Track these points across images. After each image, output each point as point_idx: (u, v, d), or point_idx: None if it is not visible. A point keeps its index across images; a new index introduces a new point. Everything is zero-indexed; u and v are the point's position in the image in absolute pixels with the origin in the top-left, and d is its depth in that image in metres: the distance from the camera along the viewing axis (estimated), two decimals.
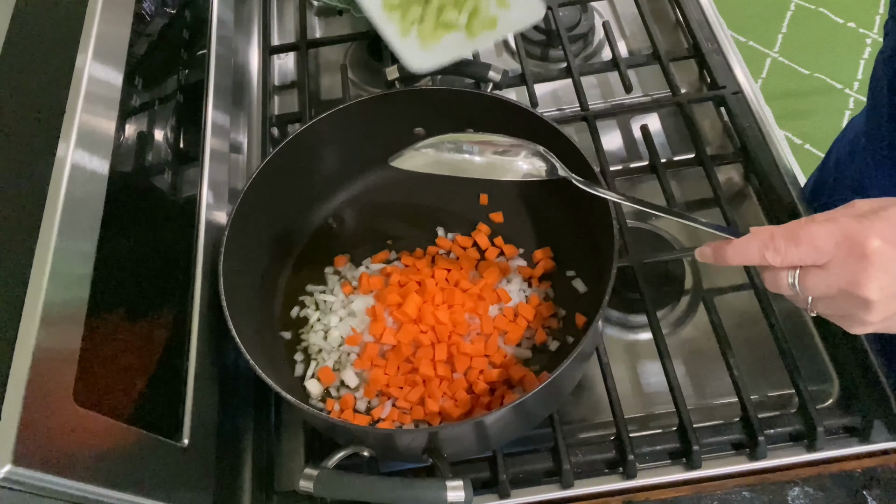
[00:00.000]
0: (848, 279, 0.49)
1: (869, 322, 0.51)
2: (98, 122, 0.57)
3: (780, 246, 0.51)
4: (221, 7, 0.91)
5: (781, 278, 0.52)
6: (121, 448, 0.52)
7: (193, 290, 0.68)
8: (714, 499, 0.68)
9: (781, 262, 0.51)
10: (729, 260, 0.54)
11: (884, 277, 0.48)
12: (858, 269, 0.49)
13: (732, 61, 0.97)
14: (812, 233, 0.50)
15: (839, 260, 0.49)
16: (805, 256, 0.50)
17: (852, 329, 0.53)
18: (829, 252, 0.49)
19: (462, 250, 0.82)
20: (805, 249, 0.50)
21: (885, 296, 0.49)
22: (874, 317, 0.50)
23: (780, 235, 0.51)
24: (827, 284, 0.50)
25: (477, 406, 0.71)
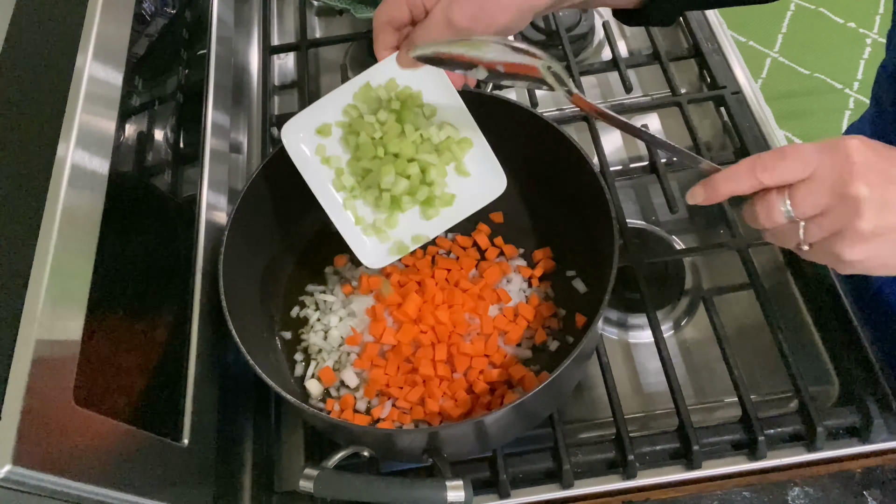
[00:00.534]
0: (836, 179, 0.49)
1: (861, 232, 0.49)
2: (98, 122, 0.58)
3: (768, 162, 0.51)
4: (221, 7, 0.91)
5: (774, 205, 0.52)
6: (121, 448, 0.52)
7: (193, 290, 0.68)
8: (714, 499, 0.68)
9: (771, 177, 0.51)
10: (721, 189, 0.54)
11: (869, 175, 0.49)
12: (844, 167, 0.49)
13: (732, 61, 0.97)
14: (795, 147, 0.51)
15: (825, 165, 0.50)
16: (793, 169, 0.51)
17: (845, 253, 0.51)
18: (814, 161, 0.50)
19: (462, 250, 0.82)
20: (791, 161, 0.50)
21: (875, 197, 0.49)
22: (865, 222, 0.49)
23: (768, 154, 0.52)
24: (816, 193, 0.50)
25: (477, 406, 0.71)
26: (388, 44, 0.66)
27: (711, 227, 0.88)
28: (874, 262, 0.51)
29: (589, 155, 0.73)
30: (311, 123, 0.72)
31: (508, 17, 0.62)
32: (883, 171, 0.49)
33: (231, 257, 0.70)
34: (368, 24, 1.09)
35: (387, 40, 0.66)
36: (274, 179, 0.76)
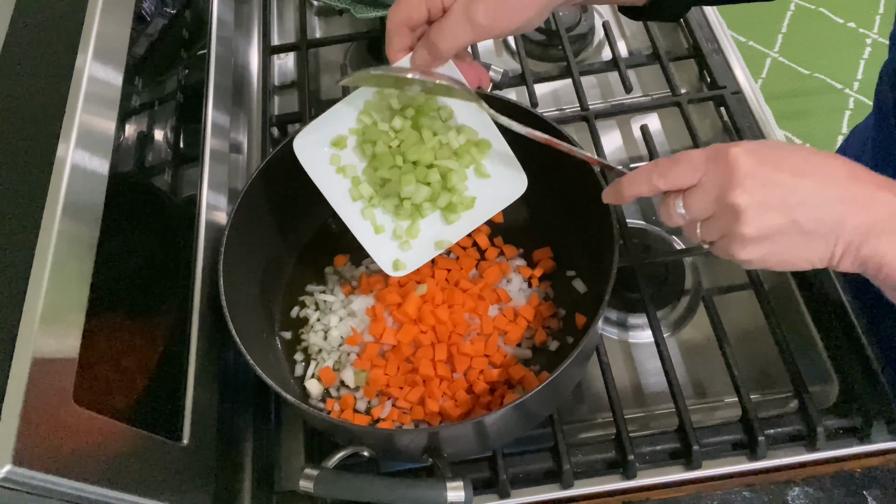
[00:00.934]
0: (718, 186, 0.52)
1: (745, 236, 0.52)
2: (98, 122, 0.57)
3: (662, 167, 0.55)
4: (221, 7, 0.91)
5: (671, 206, 0.56)
6: (121, 448, 0.52)
7: (193, 290, 0.68)
8: (714, 499, 0.68)
9: (665, 183, 0.55)
10: (625, 192, 0.58)
11: (749, 183, 0.51)
12: (725, 176, 0.52)
13: (732, 61, 0.97)
14: (688, 154, 0.55)
15: (710, 172, 0.53)
16: (684, 173, 0.54)
17: (738, 253, 0.54)
18: (702, 167, 0.54)
19: (462, 250, 0.82)
20: (683, 167, 0.54)
21: (755, 204, 0.51)
22: (748, 228, 0.52)
23: (663, 160, 0.56)
24: (703, 198, 0.54)
25: (477, 406, 0.71)
26: (402, 45, 0.65)
27: None
28: (769, 259, 0.54)
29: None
30: (323, 133, 0.71)
31: (530, 12, 0.63)
32: (763, 177, 0.51)
33: (231, 257, 0.70)
34: (368, 24, 1.09)
35: (402, 41, 0.64)
36: (274, 179, 0.76)
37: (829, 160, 0.53)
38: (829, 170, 0.52)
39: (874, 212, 0.51)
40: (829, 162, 0.53)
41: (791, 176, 0.51)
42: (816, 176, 0.52)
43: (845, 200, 0.51)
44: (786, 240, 0.52)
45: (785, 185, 0.51)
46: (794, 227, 0.52)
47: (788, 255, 0.53)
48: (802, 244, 0.52)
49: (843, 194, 0.51)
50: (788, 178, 0.51)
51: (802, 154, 0.53)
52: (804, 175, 0.52)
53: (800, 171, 0.52)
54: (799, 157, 0.53)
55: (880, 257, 0.51)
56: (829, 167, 0.52)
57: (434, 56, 0.63)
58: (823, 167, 0.52)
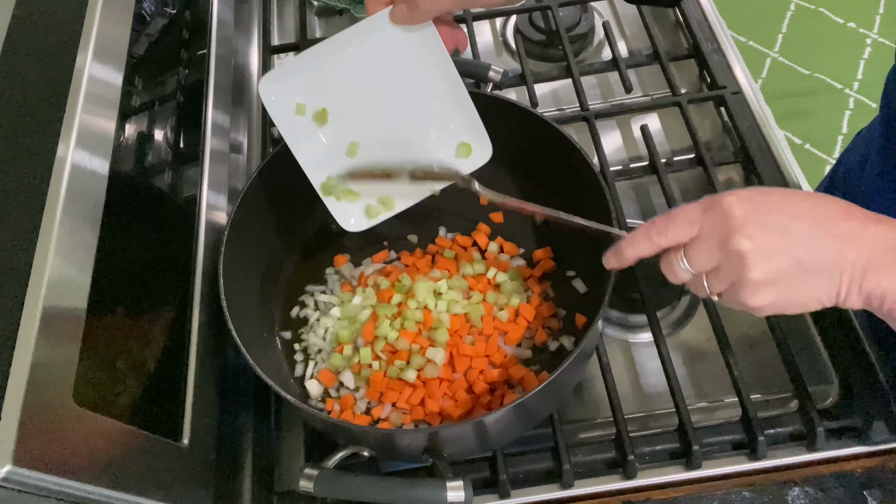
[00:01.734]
0: (720, 237, 0.53)
1: (754, 281, 0.52)
2: (98, 122, 0.58)
3: (660, 226, 0.56)
4: (221, 7, 0.91)
5: (673, 263, 0.56)
6: (121, 448, 0.52)
7: (193, 290, 0.68)
8: (714, 499, 0.68)
9: (665, 240, 0.56)
10: (626, 254, 0.58)
11: (748, 228, 0.52)
12: (723, 224, 0.53)
13: (732, 61, 0.97)
14: (683, 208, 0.56)
15: (707, 223, 0.54)
16: (682, 228, 0.55)
17: (749, 301, 0.54)
18: (699, 220, 0.54)
19: (462, 250, 0.82)
20: (679, 222, 0.55)
21: (759, 248, 0.52)
22: (755, 272, 0.52)
23: (659, 218, 0.57)
24: (705, 250, 0.54)
25: (477, 406, 0.71)
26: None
27: None
28: (779, 302, 0.54)
29: (589, 155, 0.73)
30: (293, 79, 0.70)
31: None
32: (761, 222, 0.52)
33: (231, 257, 0.70)
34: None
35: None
36: (274, 179, 0.76)
37: (822, 200, 0.54)
38: (822, 209, 0.53)
39: (870, 246, 0.51)
40: (821, 202, 0.54)
41: (787, 218, 0.52)
42: (811, 216, 0.53)
43: (841, 236, 0.52)
44: (793, 280, 0.53)
45: (783, 227, 0.52)
46: (798, 266, 0.52)
47: (798, 295, 0.54)
48: (809, 283, 0.53)
49: (838, 230, 0.52)
50: (785, 219, 0.52)
51: (795, 197, 0.54)
52: (800, 216, 0.52)
53: (795, 212, 0.53)
54: (792, 200, 0.54)
55: (882, 290, 0.52)
56: (821, 207, 0.53)
57: (413, 14, 0.63)
58: (816, 207, 0.53)
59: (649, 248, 0.57)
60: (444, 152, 0.73)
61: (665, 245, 0.56)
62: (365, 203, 0.74)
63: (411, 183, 0.72)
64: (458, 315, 0.75)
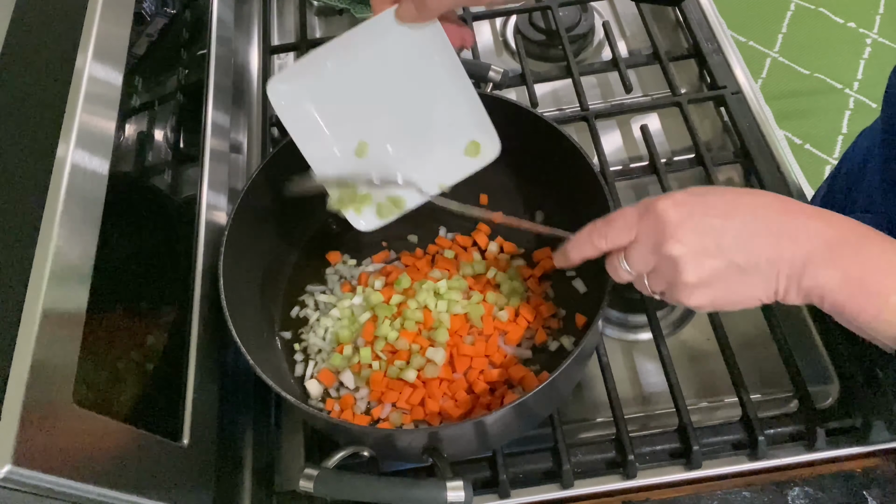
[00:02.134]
0: (652, 241, 0.54)
1: (688, 283, 0.53)
2: (98, 122, 0.58)
3: (600, 230, 0.57)
4: (221, 7, 0.91)
5: (616, 265, 0.57)
6: (121, 448, 0.52)
7: (193, 290, 0.68)
8: (714, 499, 0.68)
9: (606, 242, 0.57)
10: (572, 256, 0.60)
11: (680, 232, 0.52)
12: (657, 229, 0.54)
13: (732, 61, 0.97)
14: (622, 211, 0.57)
15: (643, 228, 0.55)
16: (619, 232, 0.56)
17: (686, 300, 0.55)
18: (636, 224, 0.55)
19: (462, 250, 0.82)
20: (618, 225, 0.56)
21: (690, 252, 0.52)
22: (688, 276, 0.53)
23: (600, 221, 0.58)
24: (642, 254, 0.55)
25: (477, 406, 0.71)
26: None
27: None
28: (717, 302, 0.55)
29: (589, 155, 0.73)
30: (301, 80, 0.69)
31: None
32: (694, 226, 0.53)
33: (231, 257, 0.70)
34: None
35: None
36: (274, 179, 0.76)
37: (759, 197, 0.54)
38: (758, 207, 0.53)
39: (808, 243, 0.51)
40: (758, 200, 0.54)
41: (721, 219, 0.52)
42: (747, 215, 0.53)
43: (777, 234, 0.52)
44: (727, 281, 0.53)
45: (716, 229, 0.52)
46: (732, 267, 0.52)
47: (734, 294, 0.54)
48: (744, 282, 0.53)
49: (773, 228, 0.52)
50: (719, 221, 0.52)
51: (730, 195, 0.54)
52: (734, 216, 0.53)
53: (729, 212, 0.53)
54: (726, 199, 0.54)
55: (821, 288, 0.52)
56: (758, 205, 0.53)
57: (420, 12, 0.63)
58: (753, 205, 0.53)
59: (592, 251, 0.58)
60: (452, 150, 0.73)
61: (605, 249, 0.58)
62: (376, 203, 0.74)
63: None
64: (458, 315, 0.75)
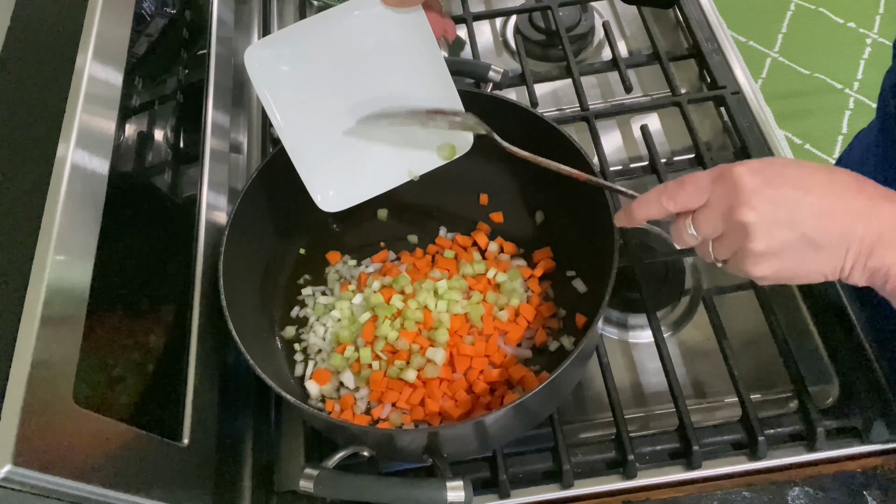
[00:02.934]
0: (725, 206, 0.53)
1: (757, 252, 0.53)
2: (98, 122, 0.57)
3: (671, 191, 0.56)
4: (221, 7, 0.91)
5: (682, 228, 0.57)
6: (121, 448, 0.52)
7: (193, 290, 0.68)
8: (714, 499, 0.68)
9: (675, 204, 0.56)
10: (636, 214, 0.59)
11: (755, 200, 0.52)
12: (731, 194, 0.53)
13: (732, 61, 0.97)
14: (694, 175, 0.56)
15: (716, 193, 0.54)
16: (691, 195, 0.55)
17: (751, 270, 0.54)
18: (708, 188, 0.55)
19: (462, 250, 0.82)
20: (690, 189, 0.55)
21: (763, 221, 0.52)
22: (758, 244, 0.52)
23: (671, 183, 0.57)
24: (712, 218, 0.55)
25: (477, 406, 0.71)
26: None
27: None
28: (782, 274, 0.54)
29: (589, 155, 0.73)
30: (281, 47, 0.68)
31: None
32: (769, 194, 0.52)
33: (231, 257, 0.70)
34: None
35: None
36: (274, 179, 0.76)
37: (835, 174, 0.53)
38: (834, 183, 0.53)
39: (880, 223, 0.51)
40: (834, 176, 0.53)
41: (796, 191, 0.52)
42: (822, 190, 0.52)
43: (851, 212, 0.51)
44: (796, 254, 0.53)
45: (791, 200, 0.52)
46: (803, 240, 0.52)
47: (800, 268, 0.54)
48: (813, 257, 0.53)
49: (848, 206, 0.52)
50: (794, 192, 0.52)
51: (807, 169, 0.53)
52: (810, 189, 0.52)
53: (805, 185, 0.52)
54: (804, 172, 0.53)
55: (887, 268, 0.51)
56: (834, 181, 0.53)
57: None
58: (829, 181, 0.53)
59: (658, 211, 0.57)
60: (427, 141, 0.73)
61: (673, 210, 0.57)
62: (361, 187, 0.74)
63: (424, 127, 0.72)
64: (458, 315, 0.75)
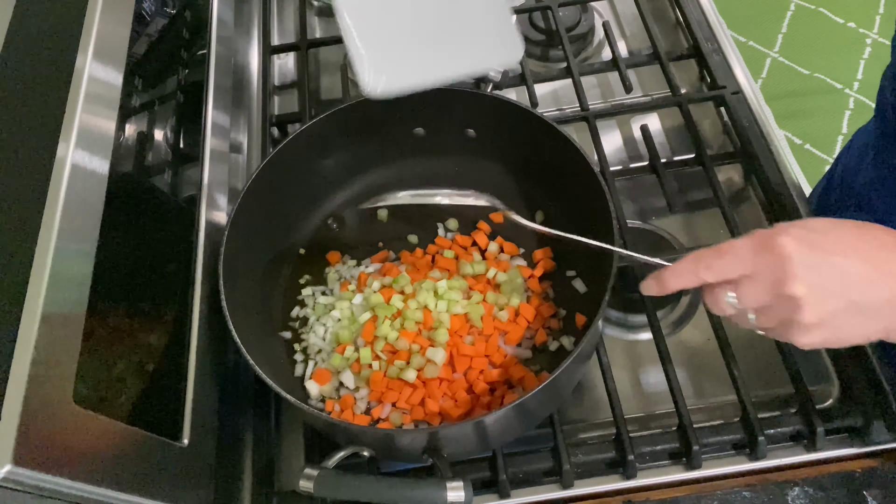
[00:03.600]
0: (774, 279, 0.52)
1: (806, 324, 0.52)
2: (98, 122, 0.57)
3: (708, 261, 0.55)
4: (221, 7, 0.91)
5: (720, 298, 0.55)
6: (121, 448, 0.52)
7: (193, 290, 0.68)
8: (714, 499, 0.68)
9: (713, 275, 0.55)
10: (668, 284, 0.57)
11: (806, 274, 0.51)
12: (777, 266, 0.52)
13: (732, 61, 0.97)
14: (732, 244, 0.54)
15: (763, 264, 0.53)
16: (731, 266, 0.54)
17: (798, 339, 0.54)
18: (751, 259, 0.53)
19: (462, 250, 0.82)
20: (729, 259, 0.54)
21: (813, 293, 0.51)
22: (808, 316, 0.52)
23: (708, 252, 0.55)
24: (758, 290, 0.53)
25: (477, 406, 0.71)
26: None
27: (711, 227, 0.88)
28: (830, 341, 0.54)
29: (589, 155, 0.73)
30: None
31: None
32: (816, 264, 0.51)
33: (231, 257, 0.70)
34: None
35: None
36: (274, 179, 0.76)
37: (871, 232, 0.53)
38: (874, 244, 0.53)
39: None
40: (871, 235, 0.53)
41: (842, 257, 0.52)
42: (865, 253, 0.52)
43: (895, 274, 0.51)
44: (844, 321, 0.52)
45: (838, 269, 0.51)
46: (851, 307, 0.52)
47: (848, 335, 0.54)
48: (860, 322, 0.53)
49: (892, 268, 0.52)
50: (840, 260, 0.52)
51: (848, 232, 0.53)
52: (853, 255, 0.52)
53: (849, 251, 0.52)
54: (846, 237, 0.53)
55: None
56: (873, 241, 0.53)
57: None
58: (874, 243, 0.53)
59: (693, 282, 0.56)
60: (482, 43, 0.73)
61: (710, 281, 0.55)
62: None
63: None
64: (458, 315, 0.75)
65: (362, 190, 0.87)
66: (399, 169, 0.86)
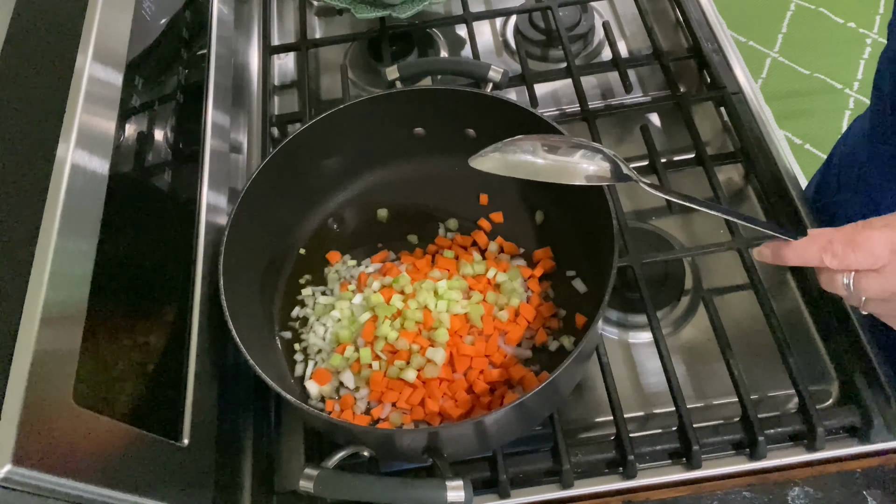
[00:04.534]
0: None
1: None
2: (98, 122, 0.57)
3: (838, 250, 0.53)
4: (221, 7, 0.91)
5: (837, 280, 0.54)
6: (121, 448, 0.52)
7: (193, 290, 0.68)
8: (714, 499, 0.68)
9: (839, 265, 0.53)
10: (787, 260, 0.56)
11: None
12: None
13: (732, 61, 0.97)
14: (870, 238, 0.52)
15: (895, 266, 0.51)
16: (862, 261, 0.52)
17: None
18: (885, 258, 0.51)
19: (462, 250, 0.82)
20: (863, 255, 0.52)
21: None
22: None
23: (839, 240, 0.53)
24: (882, 288, 0.52)
25: (477, 406, 0.71)
26: None
27: (711, 227, 0.88)
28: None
29: None
30: None
31: None
32: None
33: (231, 257, 0.70)
34: (368, 24, 1.09)
35: None
36: (274, 179, 0.76)
37: None
38: None
39: None
40: None
41: None
42: None
43: None
44: None
45: None
46: None
47: None
48: None
49: None
50: None
51: None
52: None
53: None
54: None
55: None
56: None
57: None
58: None
59: (816, 263, 0.55)
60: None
61: (834, 268, 0.54)
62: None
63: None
64: (458, 315, 0.75)
65: (362, 190, 0.87)
66: (399, 169, 0.87)
